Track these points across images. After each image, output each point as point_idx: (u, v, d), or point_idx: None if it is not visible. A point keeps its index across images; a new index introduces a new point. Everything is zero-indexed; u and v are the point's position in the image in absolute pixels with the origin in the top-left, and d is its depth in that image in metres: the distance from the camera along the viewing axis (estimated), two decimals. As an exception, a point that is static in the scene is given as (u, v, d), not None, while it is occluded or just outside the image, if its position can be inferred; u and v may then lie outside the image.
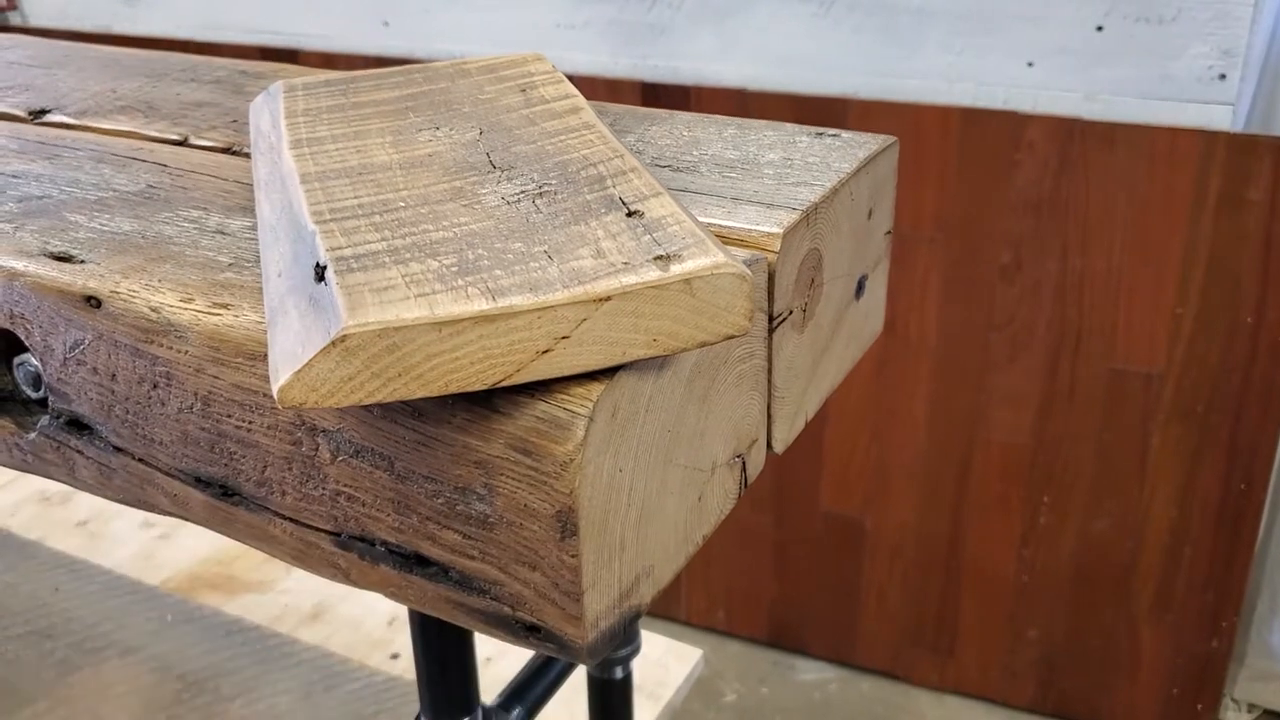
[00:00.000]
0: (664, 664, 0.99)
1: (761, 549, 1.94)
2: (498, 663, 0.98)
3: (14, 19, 2.22)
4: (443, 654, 0.61)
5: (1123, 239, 1.54)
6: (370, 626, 1.06)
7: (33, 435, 0.52)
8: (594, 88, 1.76)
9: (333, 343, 0.36)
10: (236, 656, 1.01)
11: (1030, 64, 1.53)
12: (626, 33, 1.72)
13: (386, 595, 0.45)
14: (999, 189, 1.58)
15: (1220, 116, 1.45)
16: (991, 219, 1.60)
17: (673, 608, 2.05)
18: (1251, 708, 1.80)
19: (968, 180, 1.60)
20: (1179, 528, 1.64)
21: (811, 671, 1.96)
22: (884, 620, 1.90)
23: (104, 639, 1.03)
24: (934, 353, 1.70)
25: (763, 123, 0.62)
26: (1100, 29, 1.47)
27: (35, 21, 2.20)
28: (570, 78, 1.95)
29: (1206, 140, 1.45)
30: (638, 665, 0.87)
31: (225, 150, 0.62)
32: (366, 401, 0.37)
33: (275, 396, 0.36)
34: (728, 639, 2.03)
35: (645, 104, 1.74)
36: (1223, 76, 1.44)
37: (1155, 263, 1.53)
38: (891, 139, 0.60)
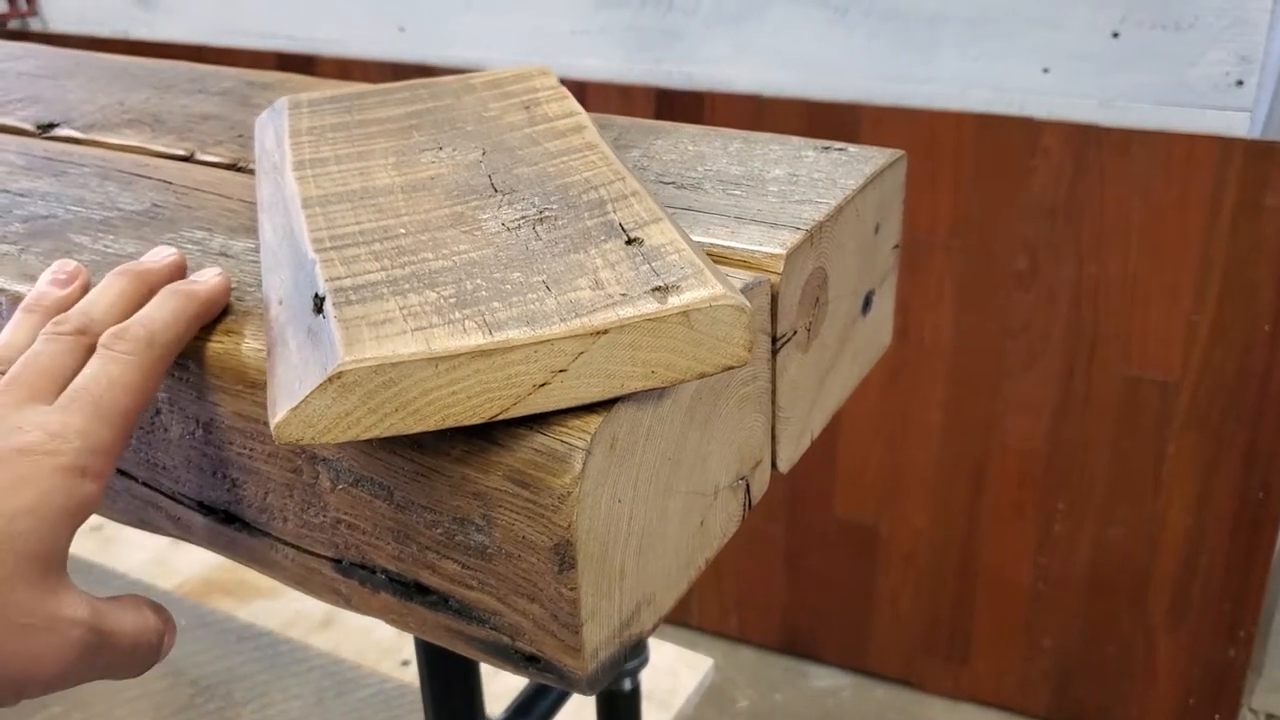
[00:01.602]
0: (674, 672, 0.98)
1: (774, 555, 1.93)
2: (509, 676, 0.98)
3: (34, 24, 2.23)
4: (447, 669, 0.61)
5: (1138, 246, 1.53)
6: (381, 633, 1.06)
7: (37, 456, 0.52)
8: (608, 94, 1.75)
9: (329, 379, 0.36)
10: (248, 662, 1.01)
11: (1046, 70, 1.52)
12: (641, 39, 1.72)
13: (387, 622, 0.45)
14: (1014, 195, 1.57)
15: (1237, 123, 1.44)
16: (1007, 225, 1.59)
17: (685, 614, 2.05)
18: (1270, 718, 1.79)
19: (983, 186, 1.59)
20: (1195, 536, 1.62)
21: (825, 678, 1.95)
22: (898, 627, 1.90)
23: (116, 646, 1.03)
24: (949, 359, 1.69)
25: (769, 136, 0.62)
26: (1116, 35, 1.46)
27: (55, 27, 2.22)
28: (585, 84, 1.94)
29: (1223, 147, 1.44)
30: (648, 674, 0.87)
31: (230, 166, 0.62)
32: (363, 437, 0.37)
33: (272, 433, 0.36)
34: (740, 645, 2.02)
35: (659, 110, 1.74)
36: (1240, 83, 1.43)
37: (1171, 270, 1.52)
38: (899, 153, 0.59)
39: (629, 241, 0.43)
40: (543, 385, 0.38)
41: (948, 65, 1.56)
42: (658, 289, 0.39)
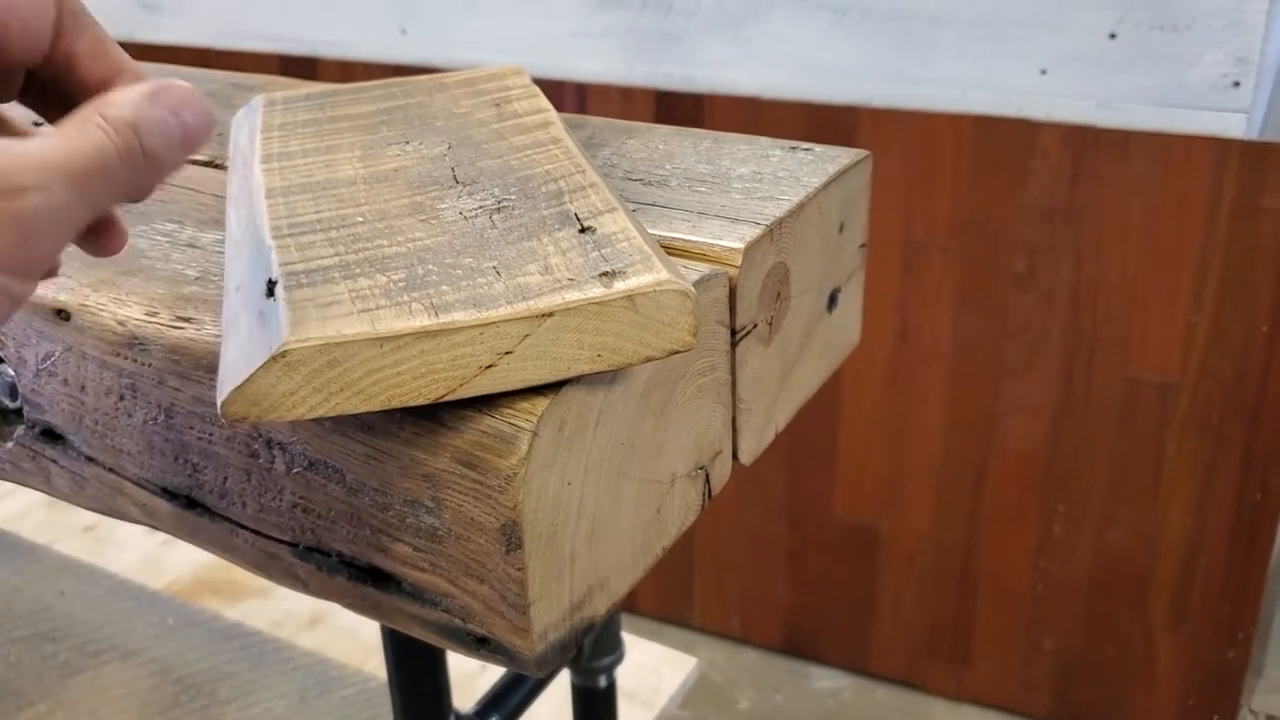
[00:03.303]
0: (658, 672, 0.99)
1: (775, 556, 1.94)
2: (492, 672, 0.99)
3: (41, 28, 2.25)
4: (413, 662, 0.62)
5: (1137, 247, 1.53)
6: (366, 633, 1.07)
7: (10, 444, 0.53)
8: (609, 96, 1.76)
9: (273, 358, 0.36)
10: (234, 660, 1.02)
11: (1044, 71, 1.52)
12: (641, 41, 1.73)
13: (344, 606, 0.46)
14: (1012, 196, 1.58)
15: (1234, 124, 1.44)
16: (1005, 226, 1.59)
17: (686, 614, 2.05)
18: (1270, 719, 1.79)
19: (981, 188, 1.59)
20: (1194, 538, 1.62)
21: (826, 679, 1.96)
22: (899, 628, 1.90)
23: (106, 642, 1.04)
24: (948, 360, 1.70)
25: (738, 137, 0.62)
26: (1114, 36, 1.46)
27: (61, 30, 2.23)
28: (585, 86, 1.94)
29: (1221, 148, 1.44)
30: (632, 674, 0.87)
31: (207, 164, 0.63)
32: (309, 416, 0.37)
33: (219, 410, 0.37)
34: (742, 646, 2.02)
35: (659, 112, 1.74)
36: (1237, 84, 1.43)
37: (1170, 271, 1.52)
38: (864, 153, 0.60)
39: (582, 230, 0.44)
40: (489, 367, 0.38)
41: (946, 67, 1.57)
42: (605, 274, 0.40)
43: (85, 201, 0.33)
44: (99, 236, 0.41)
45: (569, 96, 1.78)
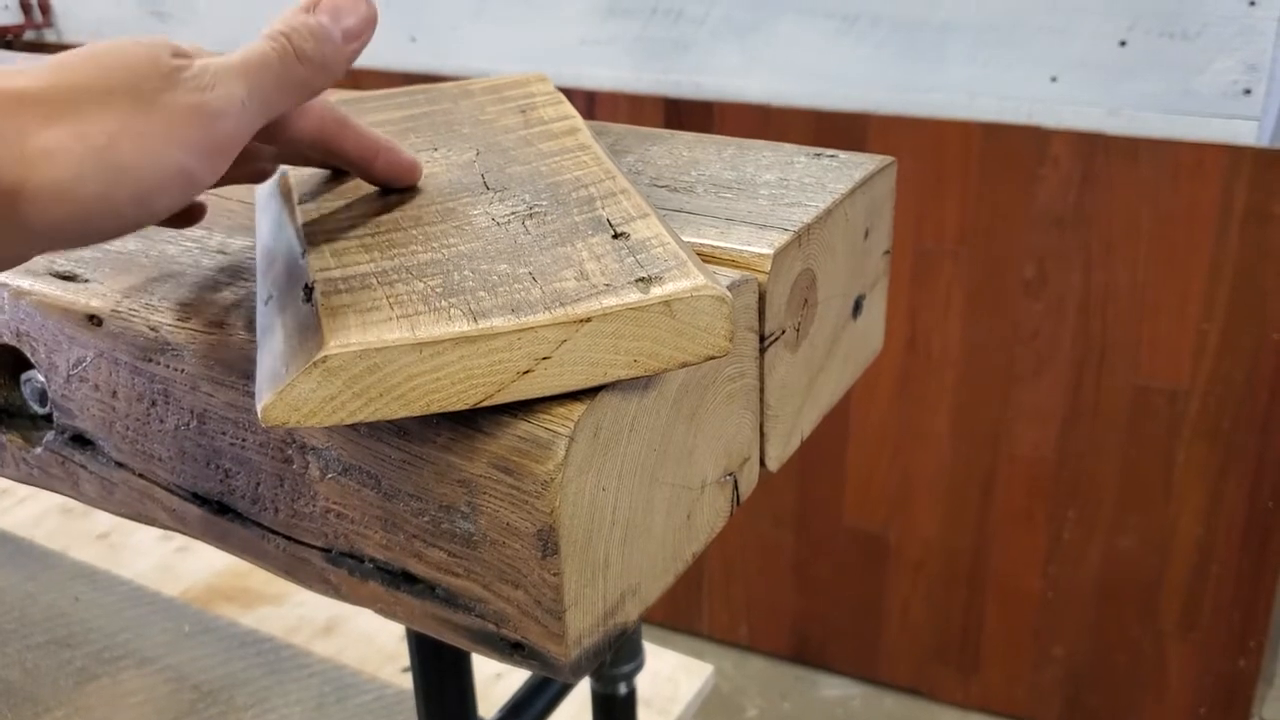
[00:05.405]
0: (674, 680, 0.99)
1: (784, 564, 1.94)
2: (508, 679, 0.99)
3: (49, 36, 2.25)
4: (440, 669, 0.62)
5: (1147, 254, 1.53)
6: (383, 640, 1.07)
7: (39, 450, 0.53)
8: (617, 104, 1.77)
9: (314, 363, 0.36)
10: (250, 667, 1.02)
11: (1054, 78, 1.52)
12: (651, 49, 1.73)
13: (376, 611, 0.46)
14: (1022, 204, 1.58)
15: (1245, 131, 1.45)
16: (1015, 234, 1.60)
17: (695, 622, 2.05)
18: (1280, 728, 1.78)
19: (990, 195, 1.59)
20: (1205, 545, 1.62)
21: (835, 687, 1.95)
22: (908, 636, 1.90)
23: (122, 649, 1.04)
24: (957, 367, 1.70)
25: (762, 143, 0.62)
26: (1124, 44, 1.47)
27: (69, 38, 2.24)
28: (594, 94, 1.94)
29: (1231, 155, 1.44)
30: (648, 681, 0.87)
31: (232, 170, 0.63)
32: (348, 421, 0.37)
33: (259, 415, 0.37)
34: (750, 654, 2.02)
35: (668, 120, 1.75)
36: (1247, 91, 1.43)
37: (1180, 278, 1.52)
38: (889, 159, 0.60)
39: (615, 235, 0.44)
40: (527, 372, 0.38)
41: (956, 74, 1.57)
42: (641, 280, 0.40)
43: (258, 97, 0.40)
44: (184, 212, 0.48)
45: (578, 104, 1.78)
